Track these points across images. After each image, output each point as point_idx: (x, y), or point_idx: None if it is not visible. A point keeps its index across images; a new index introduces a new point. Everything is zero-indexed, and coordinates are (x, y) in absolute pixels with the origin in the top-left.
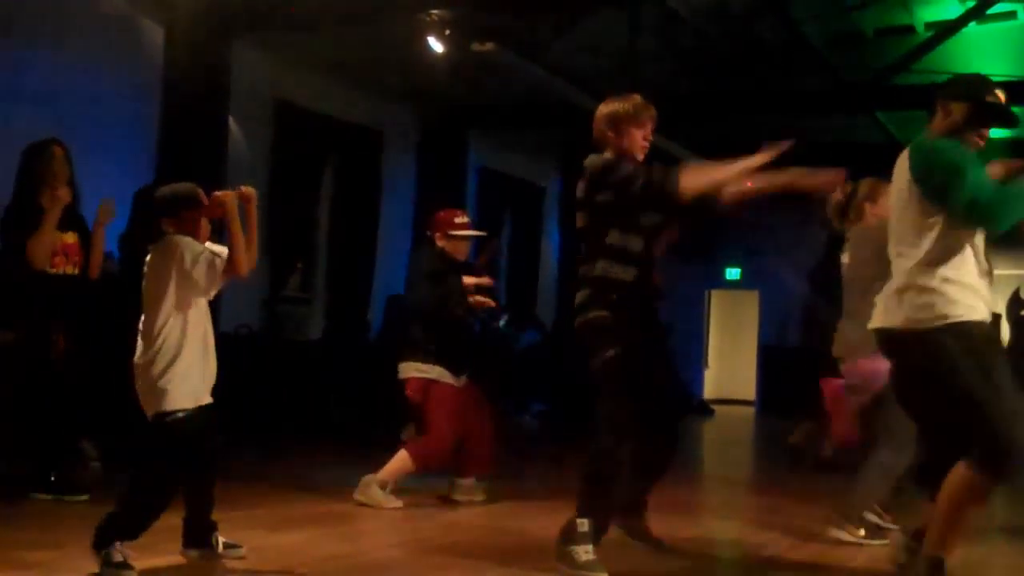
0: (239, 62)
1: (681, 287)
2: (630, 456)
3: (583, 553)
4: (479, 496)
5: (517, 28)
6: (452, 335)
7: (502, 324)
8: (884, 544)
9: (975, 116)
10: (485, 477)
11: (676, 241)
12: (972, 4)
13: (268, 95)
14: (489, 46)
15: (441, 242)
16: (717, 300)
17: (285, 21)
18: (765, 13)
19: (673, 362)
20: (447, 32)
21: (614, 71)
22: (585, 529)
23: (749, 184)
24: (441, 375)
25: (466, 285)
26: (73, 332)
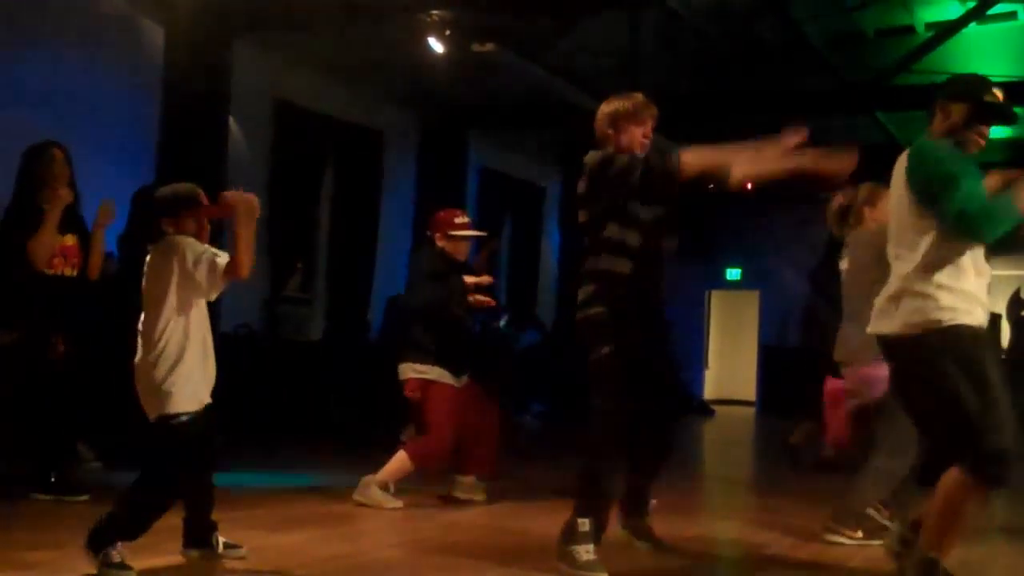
0: (239, 62)
1: (681, 287)
2: (628, 456)
3: (584, 553)
4: (479, 495)
5: (517, 28)
6: (452, 335)
7: (502, 324)
8: (883, 544)
9: (975, 116)
10: (486, 477)
11: (676, 246)
12: (972, 4)
13: (268, 95)
14: (489, 46)
15: (441, 242)
16: (717, 300)
17: (285, 21)
18: (765, 13)
19: (674, 362)
20: (447, 32)
21: (614, 71)
22: (586, 529)
23: (760, 167)
24: (440, 375)
25: (467, 285)
26: (71, 334)
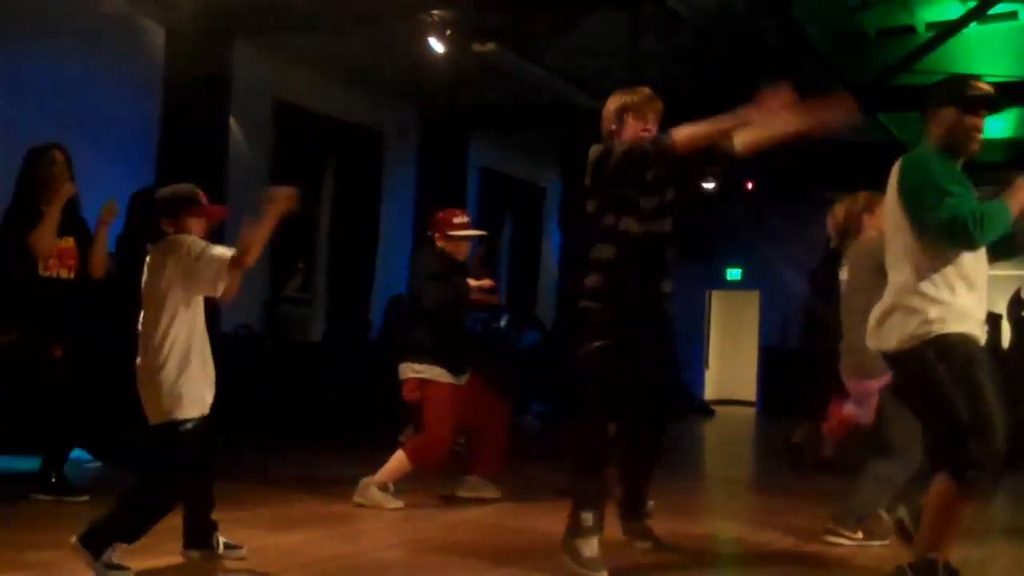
0: (240, 63)
1: (681, 288)
2: (620, 457)
3: (587, 548)
4: (492, 493)
5: (517, 28)
6: (453, 335)
7: (502, 324)
8: (884, 544)
9: (963, 112)
10: (490, 476)
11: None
12: (973, 4)
13: (269, 96)
14: (490, 46)
15: (441, 242)
16: (718, 301)
17: (286, 21)
18: (766, 13)
19: (671, 361)
20: (448, 32)
21: (614, 71)
22: (589, 523)
23: (761, 133)
24: (439, 375)
25: (470, 287)
26: (68, 338)
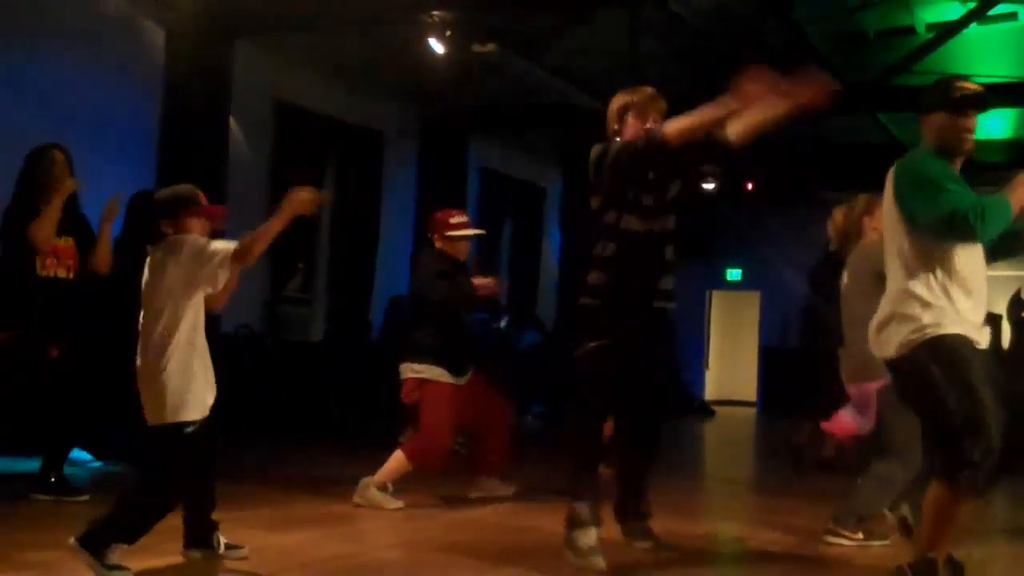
0: (240, 63)
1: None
2: (618, 456)
3: (584, 539)
4: (505, 491)
5: (518, 29)
6: (456, 335)
7: (503, 324)
8: (884, 545)
9: (952, 113)
10: (495, 475)
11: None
12: (973, 5)
13: (269, 96)
14: (490, 47)
15: (440, 243)
16: (718, 301)
17: (286, 22)
18: (767, 14)
19: (670, 362)
20: (448, 33)
21: (615, 72)
22: (585, 515)
23: (751, 120)
24: (438, 375)
25: (475, 284)
26: (67, 337)
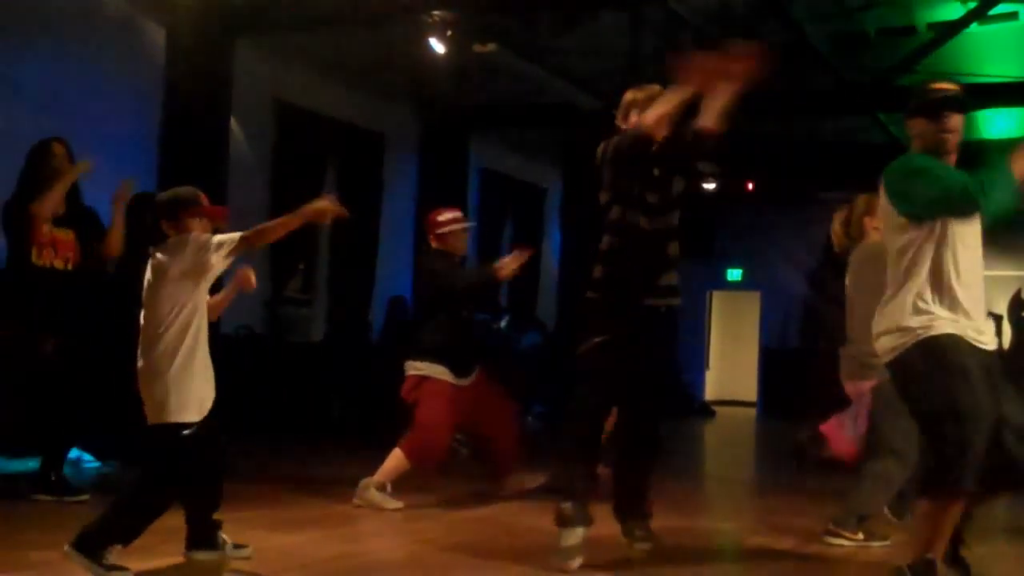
0: (240, 63)
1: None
2: (617, 456)
3: (567, 539)
4: (534, 481)
5: (518, 29)
6: (461, 335)
7: (503, 325)
8: (884, 545)
9: (931, 117)
10: (520, 471)
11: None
12: (974, 5)
13: (269, 96)
14: (490, 47)
15: (435, 243)
16: (718, 301)
17: (287, 22)
18: (767, 14)
19: (672, 360)
20: (448, 33)
21: (615, 72)
22: (570, 514)
23: (712, 106)
24: (439, 373)
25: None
26: (62, 330)
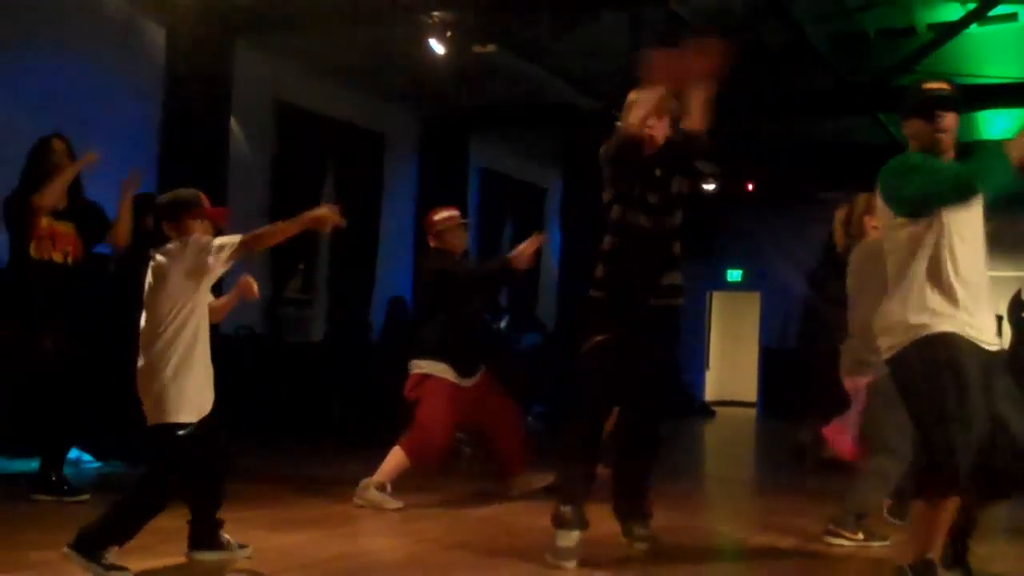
0: (241, 64)
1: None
2: (617, 456)
3: (563, 541)
4: (543, 480)
5: (518, 30)
6: (464, 334)
7: (503, 325)
8: (884, 545)
9: (924, 117)
10: (527, 471)
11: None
12: (973, 6)
13: (270, 97)
14: (490, 48)
15: (434, 242)
16: (718, 302)
17: (287, 23)
18: (767, 15)
19: (672, 360)
20: (448, 34)
21: (615, 72)
22: (568, 516)
23: (696, 105)
24: (441, 371)
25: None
26: (61, 326)
